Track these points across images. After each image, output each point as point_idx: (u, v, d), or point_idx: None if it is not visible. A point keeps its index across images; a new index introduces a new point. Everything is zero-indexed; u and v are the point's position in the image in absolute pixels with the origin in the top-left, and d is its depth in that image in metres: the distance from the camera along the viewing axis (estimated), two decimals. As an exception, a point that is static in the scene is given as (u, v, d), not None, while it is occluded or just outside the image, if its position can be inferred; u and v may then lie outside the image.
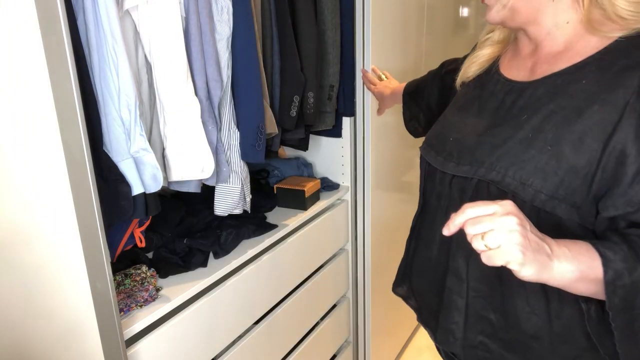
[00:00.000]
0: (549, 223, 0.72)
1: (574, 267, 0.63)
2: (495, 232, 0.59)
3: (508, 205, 0.62)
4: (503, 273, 0.75)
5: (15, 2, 0.68)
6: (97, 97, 0.87)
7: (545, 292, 0.75)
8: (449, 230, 0.63)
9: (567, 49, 0.76)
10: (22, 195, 0.81)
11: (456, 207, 0.64)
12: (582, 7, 0.73)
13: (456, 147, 0.83)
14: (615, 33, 0.71)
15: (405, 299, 1.04)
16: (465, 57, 0.99)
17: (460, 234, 0.64)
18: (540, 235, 0.63)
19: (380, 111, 1.56)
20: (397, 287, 1.05)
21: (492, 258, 0.60)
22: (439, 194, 0.87)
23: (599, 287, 0.65)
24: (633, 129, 0.66)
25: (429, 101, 1.22)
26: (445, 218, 0.78)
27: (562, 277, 0.63)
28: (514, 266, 0.60)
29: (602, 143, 0.68)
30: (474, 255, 0.75)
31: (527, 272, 0.60)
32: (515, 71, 0.83)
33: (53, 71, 0.71)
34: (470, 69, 0.92)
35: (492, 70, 0.88)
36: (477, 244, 0.61)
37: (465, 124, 0.85)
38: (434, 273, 0.89)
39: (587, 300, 0.72)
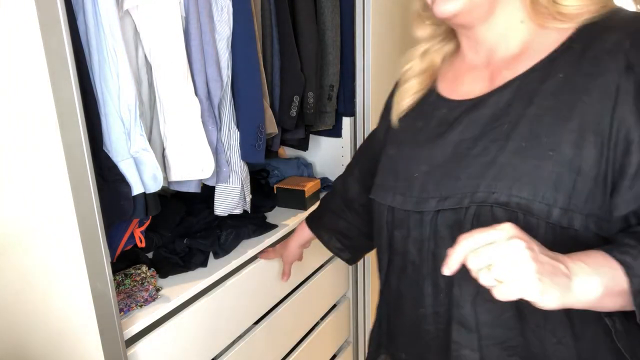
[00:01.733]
0: (565, 238, 0.63)
1: (596, 282, 0.55)
2: (503, 262, 0.51)
3: (508, 227, 0.54)
4: (522, 308, 0.66)
5: (15, 2, 0.68)
6: (97, 97, 0.87)
7: (569, 316, 0.66)
8: (449, 268, 0.55)
9: (523, 50, 0.70)
10: (22, 195, 0.81)
11: (448, 246, 0.57)
12: (529, 4, 0.68)
13: (431, 180, 0.73)
14: (571, 24, 0.66)
15: None
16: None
17: (461, 275, 0.57)
18: (551, 255, 0.55)
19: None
20: None
21: (506, 292, 0.52)
22: (417, 240, 0.75)
23: (625, 299, 0.57)
24: (632, 112, 0.60)
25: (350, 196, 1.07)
26: (435, 264, 0.70)
27: (587, 297, 0.55)
28: (533, 297, 0.52)
29: (603, 135, 0.61)
30: (482, 295, 0.67)
31: (549, 300, 0.52)
32: (469, 87, 0.75)
33: (53, 71, 0.71)
34: (402, 103, 0.84)
35: (431, 98, 0.80)
36: (484, 279, 0.52)
37: (425, 155, 0.75)
38: (433, 332, 0.76)
39: (610, 314, 0.63)
